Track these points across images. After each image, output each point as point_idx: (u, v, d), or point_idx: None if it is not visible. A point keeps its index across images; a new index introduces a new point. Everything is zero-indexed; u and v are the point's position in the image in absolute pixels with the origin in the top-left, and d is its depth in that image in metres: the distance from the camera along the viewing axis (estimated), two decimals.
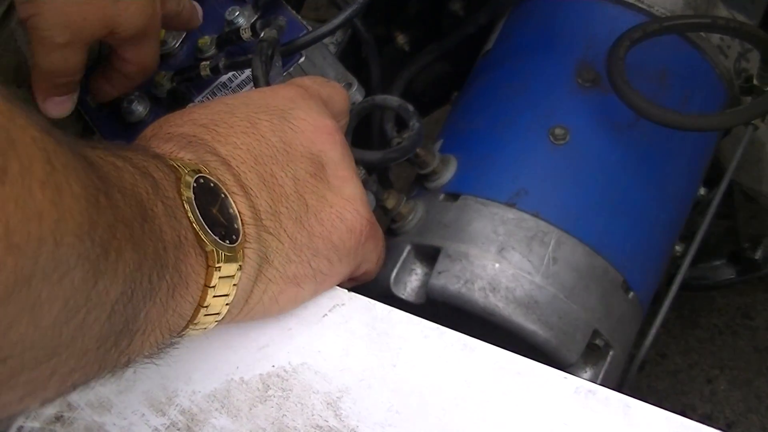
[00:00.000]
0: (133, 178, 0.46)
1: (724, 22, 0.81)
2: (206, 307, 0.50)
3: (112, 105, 0.82)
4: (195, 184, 0.50)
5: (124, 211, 0.43)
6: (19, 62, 0.90)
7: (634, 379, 0.85)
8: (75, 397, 0.55)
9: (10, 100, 0.37)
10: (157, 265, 0.46)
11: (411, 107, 0.74)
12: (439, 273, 0.77)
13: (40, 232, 0.36)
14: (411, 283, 0.80)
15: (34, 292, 0.37)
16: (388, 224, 0.83)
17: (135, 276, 0.44)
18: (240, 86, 0.79)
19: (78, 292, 0.40)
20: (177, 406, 0.56)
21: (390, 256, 0.80)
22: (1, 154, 0.34)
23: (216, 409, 0.56)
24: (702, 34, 0.87)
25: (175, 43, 0.82)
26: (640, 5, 0.87)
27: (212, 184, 0.52)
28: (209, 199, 0.51)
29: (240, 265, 0.52)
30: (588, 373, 0.80)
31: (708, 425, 1.24)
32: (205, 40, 0.80)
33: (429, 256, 0.80)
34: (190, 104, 0.78)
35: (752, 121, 0.88)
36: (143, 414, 0.56)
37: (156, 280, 0.46)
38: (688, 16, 0.85)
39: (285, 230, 0.57)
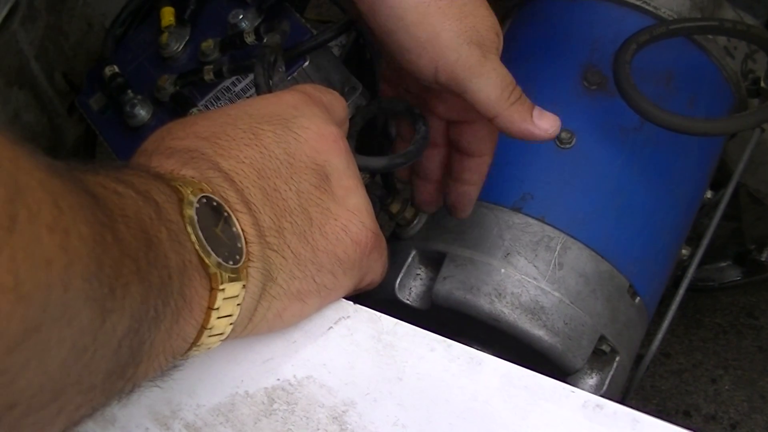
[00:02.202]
0: (136, 204, 0.46)
1: (732, 24, 0.81)
2: (210, 328, 0.50)
3: (115, 109, 0.82)
4: (198, 205, 0.49)
5: (129, 243, 0.43)
6: (22, 64, 0.89)
7: (640, 382, 0.84)
8: None
9: (15, 143, 0.36)
10: (162, 294, 0.45)
11: (417, 110, 0.73)
12: (444, 278, 0.76)
13: (49, 278, 0.36)
14: (416, 288, 0.80)
15: (42, 339, 0.36)
16: (393, 228, 0.83)
17: (141, 309, 0.43)
18: (244, 90, 0.79)
19: (86, 334, 0.39)
20: (181, 419, 0.55)
21: (395, 260, 0.80)
22: (9, 202, 0.34)
23: (221, 423, 0.55)
24: (709, 35, 0.86)
25: (178, 46, 0.81)
26: (646, 7, 0.86)
27: (215, 203, 0.51)
28: (212, 219, 0.50)
29: (244, 285, 0.51)
30: (594, 378, 0.79)
31: (712, 426, 1.23)
32: (209, 44, 0.79)
33: (434, 261, 0.79)
34: (192, 111, 0.77)
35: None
36: (147, 428, 0.55)
37: (161, 308, 0.45)
38: (695, 19, 0.85)
39: (289, 246, 0.56)
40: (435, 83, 0.66)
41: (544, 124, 0.68)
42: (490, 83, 0.65)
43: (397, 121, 0.78)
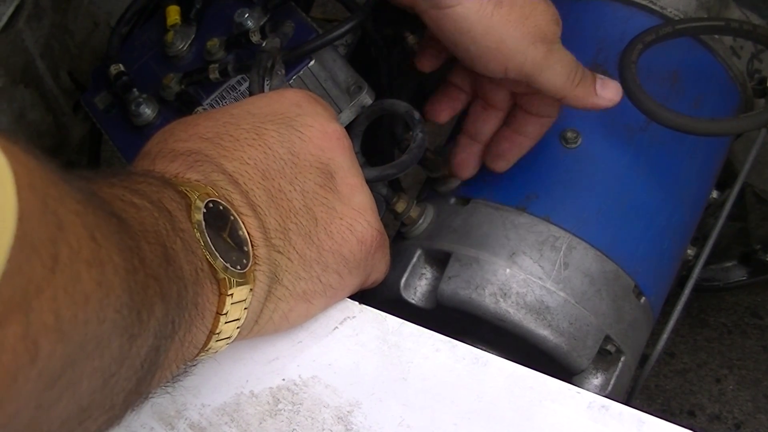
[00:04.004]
0: (152, 216, 0.46)
1: (738, 24, 0.80)
2: (218, 333, 0.50)
3: (121, 108, 0.82)
4: (205, 210, 0.50)
5: (152, 262, 0.43)
6: (27, 62, 0.89)
7: (644, 382, 0.84)
8: None
9: (56, 174, 0.36)
10: (179, 307, 0.46)
11: (417, 115, 0.73)
12: (450, 278, 0.76)
13: (86, 315, 0.36)
14: (421, 288, 0.80)
15: (77, 373, 0.37)
16: (398, 228, 0.83)
17: (162, 326, 0.44)
18: (249, 89, 0.79)
19: (115, 362, 0.40)
20: (186, 419, 0.55)
21: (400, 260, 0.79)
22: (51, 242, 0.34)
23: (225, 423, 0.55)
24: (715, 35, 0.86)
25: (184, 45, 0.81)
26: (652, 6, 0.86)
27: (221, 207, 0.51)
28: (219, 224, 0.50)
29: (251, 289, 0.51)
30: (599, 378, 0.79)
31: (716, 425, 1.23)
32: (214, 43, 0.79)
33: (439, 260, 0.79)
34: (198, 109, 0.77)
35: None
36: (152, 428, 0.55)
37: (178, 321, 0.46)
38: (702, 19, 0.84)
39: (294, 247, 0.56)
40: (505, 79, 0.70)
41: (608, 93, 0.73)
42: (556, 73, 0.69)
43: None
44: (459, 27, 0.66)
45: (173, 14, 0.83)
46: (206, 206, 0.50)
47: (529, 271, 0.75)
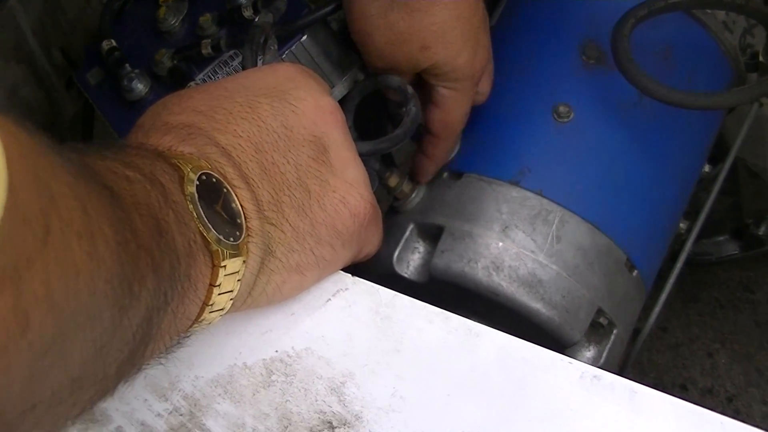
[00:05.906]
0: (145, 189, 0.46)
1: None
2: (211, 305, 0.50)
3: (113, 83, 0.82)
4: (197, 182, 0.50)
5: (143, 235, 0.43)
6: (19, 39, 0.89)
7: (636, 356, 0.85)
8: None
9: (47, 147, 0.36)
10: (171, 279, 0.46)
11: (410, 89, 0.73)
12: (442, 252, 0.76)
13: (77, 286, 0.36)
14: (414, 262, 0.80)
15: (68, 343, 0.37)
16: (391, 202, 0.83)
17: (154, 298, 0.44)
18: (241, 64, 0.78)
19: (106, 333, 0.40)
20: (180, 391, 0.56)
21: (393, 234, 0.80)
22: (43, 214, 0.34)
23: (219, 395, 0.55)
24: (707, 10, 0.86)
25: (176, 21, 0.81)
26: None
27: (214, 180, 0.51)
28: (212, 197, 0.50)
29: (244, 261, 0.51)
30: (591, 351, 0.80)
31: (708, 399, 1.24)
32: (206, 18, 0.79)
33: (432, 234, 0.79)
34: (190, 84, 0.77)
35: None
36: (146, 399, 0.56)
37: (170, 293, 0.46)
38: None
39: (287, 220, 0.56)
40: None
41: None
42: None
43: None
44: None
45: None
46: (199, 178, 0.50)
47: (521, 245, 0.76)
